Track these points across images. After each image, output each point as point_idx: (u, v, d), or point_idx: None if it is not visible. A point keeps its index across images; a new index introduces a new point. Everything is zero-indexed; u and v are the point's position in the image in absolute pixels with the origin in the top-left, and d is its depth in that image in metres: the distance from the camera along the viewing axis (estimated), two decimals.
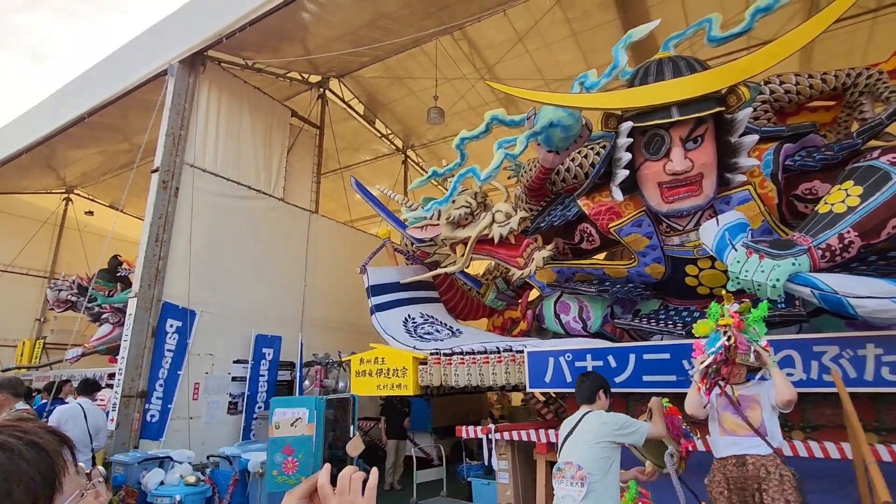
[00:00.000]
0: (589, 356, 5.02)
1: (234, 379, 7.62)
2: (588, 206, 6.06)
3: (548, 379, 5.19)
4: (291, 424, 4.75)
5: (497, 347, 5.70)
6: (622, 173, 5.28)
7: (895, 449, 3.64)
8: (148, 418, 6.35)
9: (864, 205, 3.96)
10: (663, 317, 6.10)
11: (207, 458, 5.81)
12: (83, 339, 12.85)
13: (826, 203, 4.23)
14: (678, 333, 5.43)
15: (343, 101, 10.94)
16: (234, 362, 7.69)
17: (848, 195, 4.08)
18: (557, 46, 10.01)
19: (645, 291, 6.27)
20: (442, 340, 6.67)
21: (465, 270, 8.03)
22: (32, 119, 10.97)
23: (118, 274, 11.57)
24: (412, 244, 7.97)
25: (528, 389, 5.29)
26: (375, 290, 7.14)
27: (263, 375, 7.79)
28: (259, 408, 7.59)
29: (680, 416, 2.83)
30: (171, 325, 6.78)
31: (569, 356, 5.13)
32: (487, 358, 5.61)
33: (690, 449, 2.87)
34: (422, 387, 6.01)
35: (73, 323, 14.30)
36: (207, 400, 7.19)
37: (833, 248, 3.99)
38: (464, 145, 6.78)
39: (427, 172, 6.88)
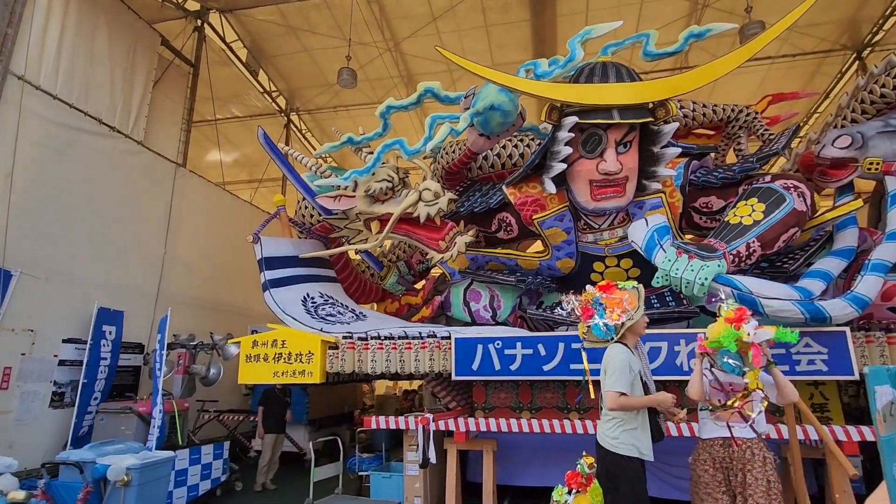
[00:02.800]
0: (519, 344, 5.01)
1: (61, 363, 5.92)
2: (514, 195, 6.07)
3: (475, 367, 5.05)
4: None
5: (419, 333, 5.37)
6: (559, 166, 5.38)
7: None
8: None
9: (767, 220, 4.62)
10: (555, 308, 6.45)
11: (42, 466, 4.32)
12: None
13: (736, 215, 4.84)
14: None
15: (223, 40, 9.31)
16: (65, 341, 5.97)
17: (753, 210, 4.73)
18: (469, 34, 9.96)
19: (552, 284, 6.54)
20: (348, 324, 6.08)
21: (370, 252, 7.50)
22: None
23: None
24: (312, 216, 7.14)
25: (455, 377, 5.08)
26: (270, 262, 6.20)
27: (105, 359, 6.21)
28: (96, 399, 6.03)
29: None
30: None
31: (499, 344, 5.06)
32: (410, 343, 5.25)
33: None
34: (330, 374, 5.37)
35: None
36: (22, 390, 5.46)
37: (741, 255, 4.58)
38: (389, 114, 6.28)
39: (321, 142, 6.19)
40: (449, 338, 5.25)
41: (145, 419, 5.50)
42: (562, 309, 6.14)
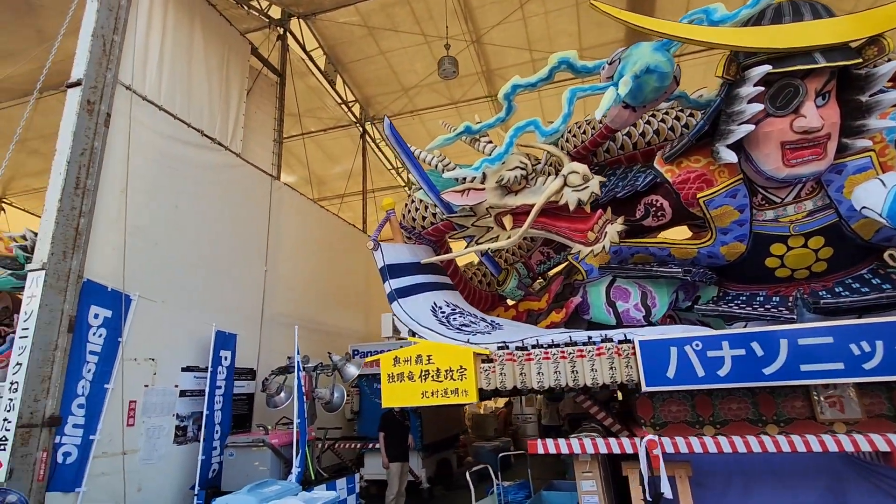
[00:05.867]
0: (726, 343, 4.08)
1: (182, 394, 5.44)
2: (672, 172, 5.20)
3: (671, 374, 4.16)
4: None
5: (589, 338, 4.54)
6: (741, 130, 4.49)
7: None
8: (60, 458, 4.07)
9: None
10: (742, 302, 5.48)
11: None
12: None
13: None
14: (785, 318, 4.78)
15: (304, 48, 8.96)
16: (183, 370, 5.50)
17: None
18: (557, 16, 9.22)
19: (713, 276, 5.60)
20: (488, 333, 5.33)
21: (489, 253, 6.77)
22: None
23: None
24: (424, 219, 6.48)
25: (645, 388, 4.20)
26: (394, 270, 5.57)
27: (220, 387, 5.70)
28: (217, 432, 5.49)
29: None
30: (97, 316, 4.52)
31: (697, 345, 4.15)
32: (582, 351, 4.42)
33: None
34: (486, 391, 4.61)
35: None
36: (147, 425, 4.97)
37: None
38: (514, 95, 5.57)
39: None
40: (628, 341, 4.39)
41: (279, 453, 4.89)
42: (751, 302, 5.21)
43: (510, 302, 7.48)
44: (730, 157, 4.62)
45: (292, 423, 5.54)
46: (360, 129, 11.35)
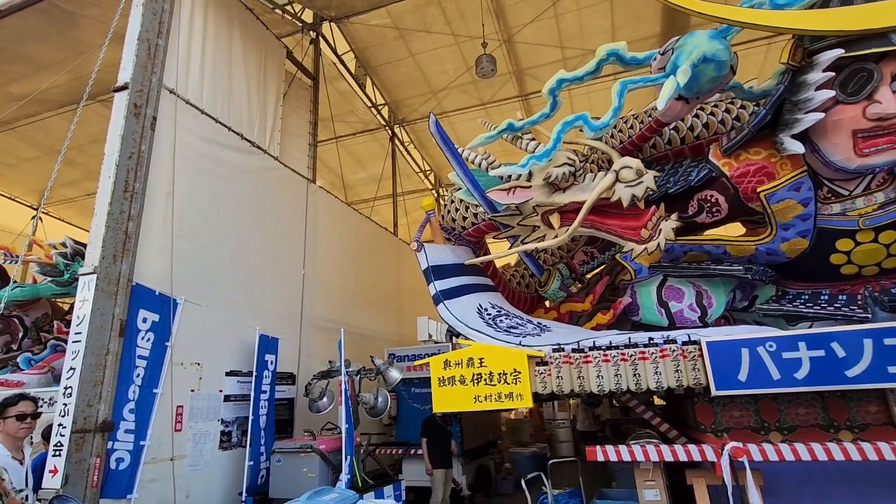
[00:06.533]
0: (803, 344, 3.85)
1: (226, 399, 5.38)
2: (730, 166, 4.99)
3: (743, 377, 3.93)
4: None
5: (650, 339, 4.34)
6: (810, 118, 4.26)
7: None
8: (113, 464, 4.01)
9: None
10: (806, 300, 5.20)
11: None
12: None
13: None
14: (858, 317, 4.51)
15: (335, 52, 8.95)
16: (227, 374, 5.44)
17: None
18: (589, 12, 9.03)
19: (772, 274, 5.33)
20: (538, 336, 5.15)
21: (532, 253, 6.60)
22: None
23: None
24: (465, 219, 6.35)
25: (715, 392, 3.98)
26: (438, 271, 5.43)
27: (265, 392, 5.62)
28: (262, 438, 5.41)
29: None
30: (145, 320, 4.48)
31: (771, 346, 3.92)
32: (644, 353, 4.21)
33: None
34: (542, 395, 4.43)
35: None
36: (194, 431, 4.91)
37: None
38: (560, 90, 5.42)
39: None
40: (693, 343, 4.18)
41: (327, 459, 4.78)
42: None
43: (548, 304, 7.29)
44: (796, 147, 4.38)
45: (337, 428, 5.46)
46: (390, 132, 11.30)
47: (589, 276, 7.46)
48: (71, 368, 3.92)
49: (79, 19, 7.11)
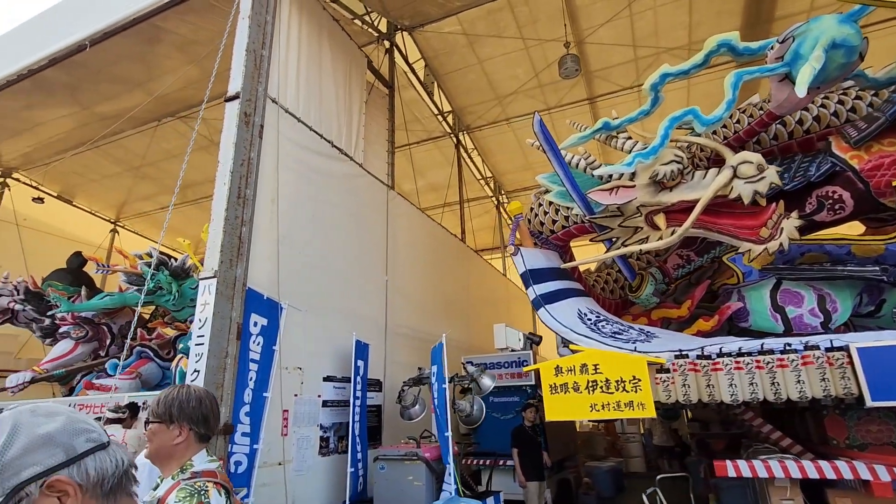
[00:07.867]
0: None
1: (324, 404, 5.38)
2: (860, 159, 4.63)
3: None
4: None
5: (787, 345, 4.02)
6: None
7: None
8: (232, 467, 4.04)
9: None
10: None
11: None
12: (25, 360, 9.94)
13: None
14: None
15: (407, 61, 9.04)
16: (325, 379, 5.45)
17: None
18: (666, 10, 8.76)
19: None
20: (647, 342, 4.89)
21: (626, 257, 6.36)
22: None
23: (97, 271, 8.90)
24: (555, 222, 6.18)
25: (870, 403, 3.63)
26: (536, 275, 5.28)
27: (359, 398, 5.60)
28: (359, 444, 5.36)
29: None
30: (256, 324, 4.54)
31: None
32: (783, 360, 3.90)
33: None
34: (666, 404, 4.18)
35: (12, 341, 11.09)
36: (297, 435, 4.92)
37: None
38: (663, 84, 5.20)
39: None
40: (839, 349, 3.84)
41: (432, 467, 4.67)
42: None
43: (634, 310, 6.98)
44: None
45: (433, 436, 5.35)
46: (454, 139, 11.30)
47: (677, 281, 7.12)
48: (195, 371, 3.98)
49: (172, 38, 7.44)
